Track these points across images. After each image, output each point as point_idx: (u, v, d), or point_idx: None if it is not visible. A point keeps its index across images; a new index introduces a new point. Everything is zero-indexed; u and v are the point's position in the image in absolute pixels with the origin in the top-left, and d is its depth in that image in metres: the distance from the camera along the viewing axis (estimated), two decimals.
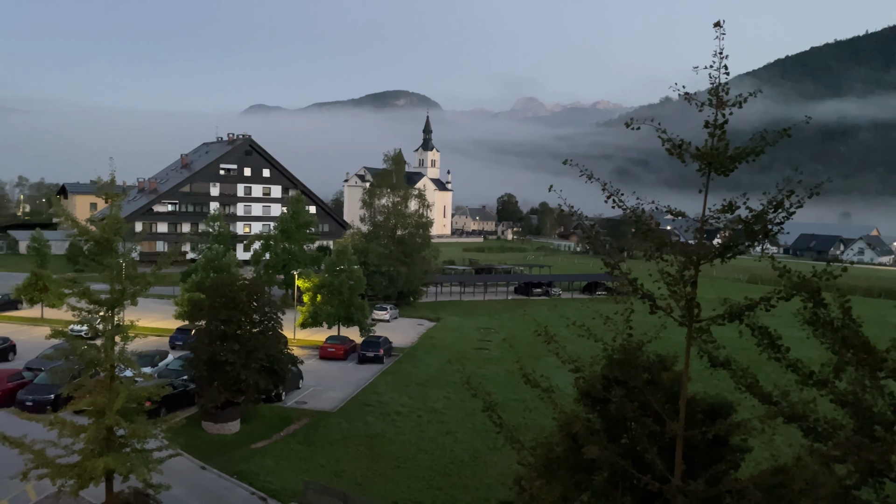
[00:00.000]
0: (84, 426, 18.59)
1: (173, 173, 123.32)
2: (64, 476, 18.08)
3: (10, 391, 33.99)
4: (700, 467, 11.44)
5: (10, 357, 44.11)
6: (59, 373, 20.52)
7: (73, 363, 19.45)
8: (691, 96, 10.21)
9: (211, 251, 59.38)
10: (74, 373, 19.95)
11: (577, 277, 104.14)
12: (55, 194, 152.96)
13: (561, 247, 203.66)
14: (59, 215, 21.12)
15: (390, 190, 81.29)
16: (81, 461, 18.21)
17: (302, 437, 33.44)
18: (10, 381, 34.80)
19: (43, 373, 35.29)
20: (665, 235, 10.59)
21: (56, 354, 19.98)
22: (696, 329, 10.46)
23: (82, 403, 18.77)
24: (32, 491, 23.23)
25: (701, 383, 19.67)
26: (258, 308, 34.82)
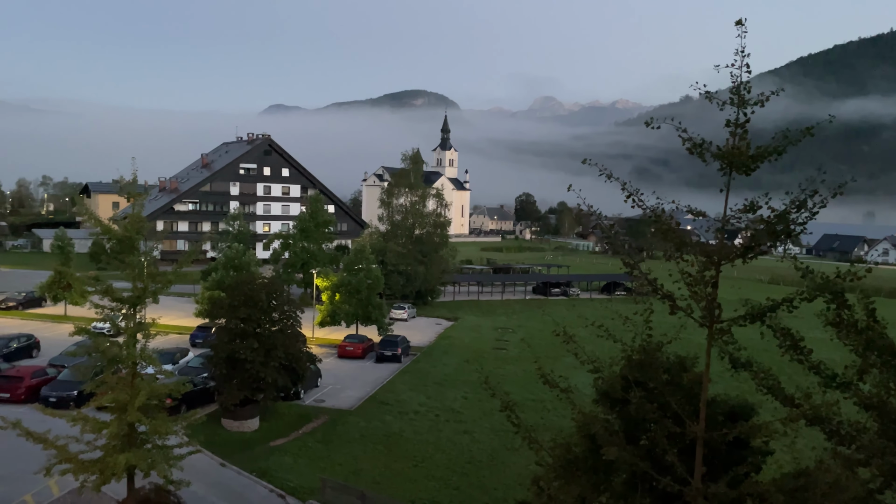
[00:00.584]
0: (106, 422, 18.78)
1: (194, 173, 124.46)
2: (86, 471, 18.30)
3: (34, 387, 34.50)
4: (720, 470, 11.33)
5: (35, 354, 44.76)
6: (82, 369, 20.83)
7: (95, 360, 19.67)
8: (713, 95, 10.11)
9: (231, 250, 59.83)
10: (97, 369, 20.19)
11: (595, 277, 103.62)
12: (78, 193, 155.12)
13: (579, 247, 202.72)
14: (83, 214, 21.40)
15: (408, 189, 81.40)
16: (103, 457, 18.41)
17: (320, 435, 33.61)
18: (33, 377, 35.31)
19: (66, 369, 35.82)
20: (685, 235, 10.50)
21: (79, 351, 20.27)
22: (717, 330, 10.36)
23: (104, 400, 18.98)
24: (55, 486, 23.58)
25: (721, 385, 19.51)
26: (277, 306, 35.04)
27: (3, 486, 23.75)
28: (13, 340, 44.07)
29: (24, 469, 23.13)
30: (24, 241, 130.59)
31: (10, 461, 24.69)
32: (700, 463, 10.35)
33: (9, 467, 24.65)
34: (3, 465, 24.92)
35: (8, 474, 24.44)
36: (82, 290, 53.75)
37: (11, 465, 24.57)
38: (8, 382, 34.58)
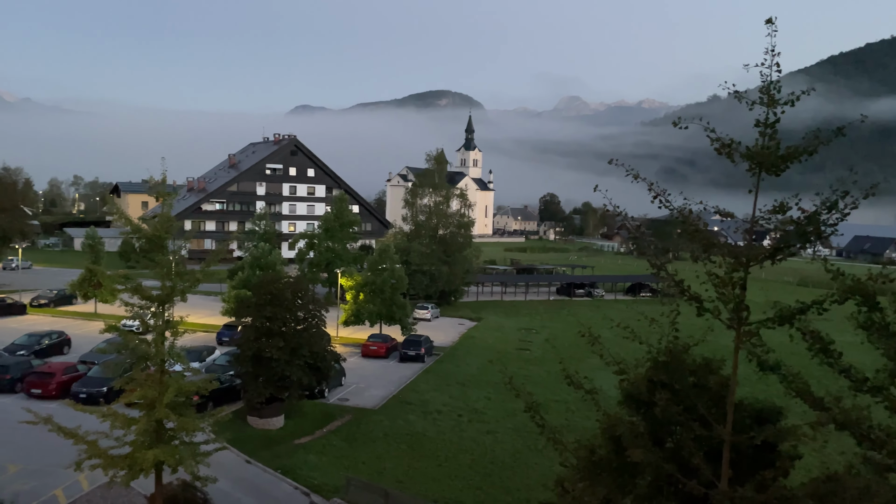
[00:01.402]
0: (135, 418, 19.06)
1: (221, 173, 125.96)
2: (115, 467, 18.56)
3: (66, 383, 35.17)
4: (747, 473, 11.19)
5: (66, 350, 45.62)
6: (112, 366, 21.12)
7: (125, 357, 19.95)
8: (742, 94, 9.99)
9: (257, 249, 60.45)
10: (126, 366, 20.47)
11: (620, 278, 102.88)
12: (109, 193, 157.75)
13: (604, 247, 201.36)
14: (113, 213, 21.79)
15: (432, 189, 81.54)
16: (132, 452, 18.66)
17: (344, 433, 33.81)
18: (65, 373, 35.98)
19: (96, 366, 36.43)
20: (713, 236, 10.39)
21: (109, 348, 20.56)
22: (745, 332, 10.24)
23: (133, 396, 19.25)
24: (85, 481, 24.02)
25: (748, 388, 19.24)
26: (302, 305, 35.31)
27: (35, 481, 24.26)
28: (45, 337, 44.96)
29: (55, 463, 23.62)
30: (56, 240, 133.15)
31: (41, 456, 25.23)
32: (727, 466, 10.24)
33: (40, 461, 25.19)
34: (34, 459, 25.48)
35: (39, 469, 24.97)
36: (112, 288, 54.59)
37: (43, 459, 25.11)
38: (40, 378, 35.29)
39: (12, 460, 25.71)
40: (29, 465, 25.29)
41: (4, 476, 24.51)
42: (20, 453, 26.08)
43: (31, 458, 25.66)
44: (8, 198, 75.99)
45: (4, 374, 35.75)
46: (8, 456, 25.96)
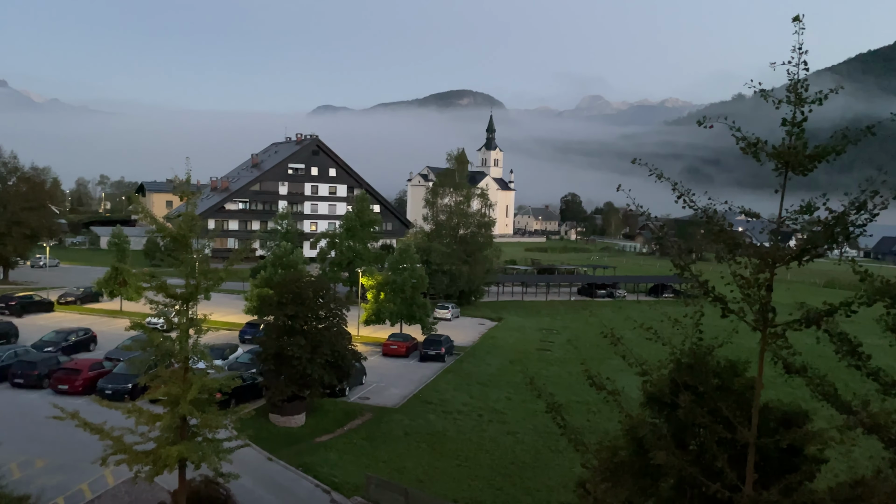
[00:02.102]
0: (159, 415, 19.28)
1: (244, 172, 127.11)
2: (140, 462, 18.78)
3: (92, 380, 35.69)
4: (772, 477, 11.04)
5: (92, 347, 46.29)
6: (137, 363, 21.37)
7: (149, 354, 20.18)
8: (768, 93, 9.85)
9: (279, 248, 60.88)
10: (151, 363, 20.71)
11: (642, 279, 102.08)
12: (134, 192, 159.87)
13: (626, 248, 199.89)
14: (139, 212, 22.04)
15: (453, 189, 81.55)
16: (156, 448, 18.88)
17: (364, 432, 33.93)
18: (91, 370, 36.52)
19: (122, 363, 36.89)
20: (738, 236, 10.26)
21: (134, 345, 20.81)
22: (770, 334, 10.10)
23: (158, 393, 19.48)
24: (111, 476, 24.36)
25: (774, 391, 19.01)
26: (324, 304, 35.51)
27: (62, 475, 24.65)
28: (72, 334, 45.68)
29: (81, 458, 23.98)
30: (83, 239, 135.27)
31: (68, 450, 25.63)
32: (752, 469, 10.11)
33: (67, 456, 25.59)
34: (61, 454, 25.89)
35: (66, 463, 25.36)
36: (137, 286, 55.45)
37: (69, 454, 25.50)
38: (67, 374, 35.87)
39: (40, 455, 26.15)
40: (55, 460, 25.70)
41: (32, 470, 24.94)
42: (47, 448, 26.51)
43: (57, 452, 26.07)
44: (36, 197, 77.29)
45: (32, 370, 36.38)
46: (35, 450, 26.41)
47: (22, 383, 36.07)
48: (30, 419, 29.71)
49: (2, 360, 37.56)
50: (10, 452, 24.29)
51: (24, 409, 32.09)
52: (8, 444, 23.79)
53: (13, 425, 29.18)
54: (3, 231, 72.44)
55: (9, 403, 33.57)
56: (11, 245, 73.69)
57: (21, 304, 57.03)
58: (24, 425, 29.28)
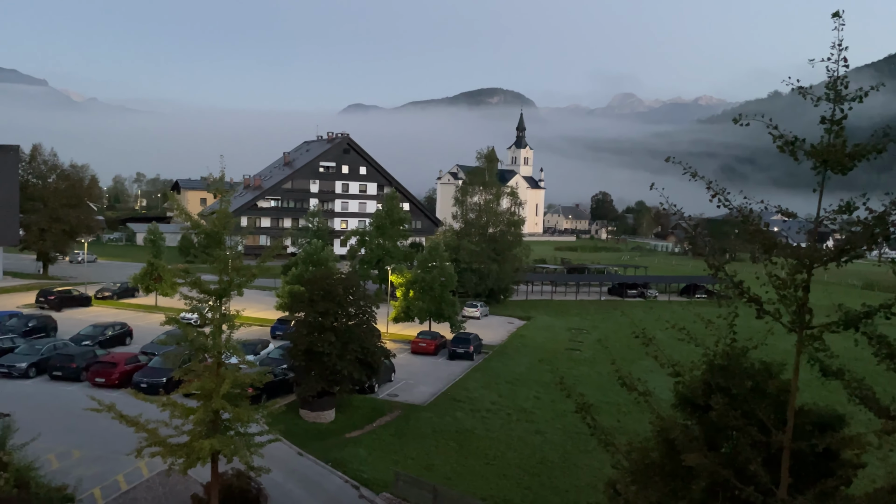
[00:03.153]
0: (193, 409, 19.57)
1: (276, 170, 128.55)
2: (174, 455, 19.10)
3: (128, 373, 36.43)
4: (807, 482, 10.83)
5: (128, 341, 47.25)
6: (171, 357, 21.81)
7: (183, 349, 20.55)
8: (806, 90, 9.66)
9: (310, 246, 61.42)
10: (185, 358, 21.09)
11: (674, 279, 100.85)
12: (170, 189, 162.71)
13: (658, 247, 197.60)
14: (174, 209, 22.43)
15: (483, 188, 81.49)
16: (190, 441, 19.18)
17: (393, 428, 34.10)
18: (127, 363, 37.26)
19: (157, 357, 37.61)
20: (774, 236, 10.08)
21: (169, 340, 21.27)
22: (807, 336, 9.91)
23: (192, 387, 19.79)
24: (145, 467, 24.84)
25: (809, 394, 18.65)
26: (354, 301, 35.76)
27: (98, 466, 25.21)
28: (109, 328, 46.68)
29: (117, 450, 24.49)
30: (120, 235, 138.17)
31: (104, 442, 26.18)
32: (786, 473, 9.93)
33: (103, 448, 26.15)
34: (98, 445, 26.47)
35: (103, 455, 25.92)
36: (172, 281, 56.36)
37: (106, 445, 26.05)
38: (103, 368, 36.66)
39: (77, 446, 26.76)
40: (92, 451, 26.27)
41: (69, 461, 25.54)
42: (84, 439, 27.12)
43: (94, 444, 26.65)
44: (75, 194, 79.13)
45: (70, 363, 37.27)
46: (73, 442, 27.03)
47: (60, 376, 36.97)
48: (68, 411, 30.40)
49: (41, 353, 38.55)
50: (49, 443, 24.88)
51: (63, 401, 32.88)
52: (47, 435, 24.37)
53: (52, 417, 29.90)
54: (43, 227, 74.34)
55: (48, 395, 34.45)
56: (51, 241, 75.60)
57: (60, 299, 58.43)
58: (63, 417, 29.97)
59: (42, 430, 23.70)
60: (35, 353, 38.52)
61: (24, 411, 27.06)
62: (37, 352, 38.62)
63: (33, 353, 38.40)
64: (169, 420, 19.51)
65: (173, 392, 21.44)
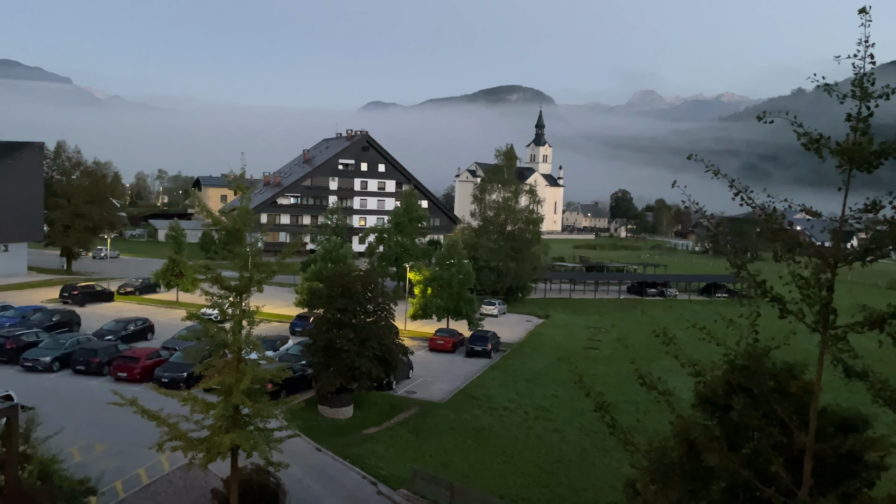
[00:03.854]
0: (213, 403, 19.73)
1: (296, 168, 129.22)
2: (194, 449, 19.26)
3: (149, 368, 36.87)
4: (829, 483, 10.70)
5: (149, 336, 47.80)
6: (192, 353, 21.92)
7: (204, 344, 20.65)
8: (832, 87, 9.52)
9: (329, 243, 61.69)
10: (205, 353, 21.20)
11: (695, 278, 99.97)
12: (191, 186, 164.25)
13: (678, 246, 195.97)
14: (195, 206, 22.63)
15: (501, 185, 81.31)
16: (210, 436, 19.32)
17: (411, 425, 34.17)
18: (148, 358, 37.73)
19: (178, 352, 37.99)
20: (798, 235, 9.96)
21: (190, 335, 21.35)
22: (831, 336, 9.78)
23: (212, 382, 19.94)
24: (166, 461, 25.13)
25: (832, 394, 18.40)
26: (372, 298, 35.88)
27: (120, 460, 25.56)
28: (131, 323, 47.25)
29: (139, 444, 24.78)
30: (142, 231, 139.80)
31: (126, 436, 26.50)
32: (808, 475, 9.82)
33: (125, 442, 26.49)
34: (120, 439, 26.81)
35: (124, 448, 26.27)
36: (193, 277, 57.04)
37: (127, 439, 26.38)
38: (126, 362, 37.14)
39: (99, 440, 27.14)
40: (114, 445, 26.63)
41: (92, 454, 25.92)
42: (107, 433, 27.47)
43: (116, 438, 26.99)
44: (98, 190, 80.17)
45: (93, 358, 37.79)
46: (95, 435, 27.41)
47: (83, 370, 37.50)
48: (90, 405, 30.79)
49: (65, 347, 39.13)
50: (72, 437, 25.23)
51: (86, 395, 33.35)
52: (70, 429, 24.71)
53: (75, 410, 30.32)
54: (66, 223, 75.41)
55: (71, 389, 34.96)
56: (75, 237, 76.66)
57: (83, 294, 59.26)
58: (86, 411, 30.38)
59: (65, 424, 24.03)
60: (59, 347, 39.10)
61: (47, 405, 27.47)
62: (60, 346, 39.20)
63: (57, 348, 38.98)
64: (189, 415, 19.67)
65: (194, 387, 21.63)
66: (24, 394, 29.23)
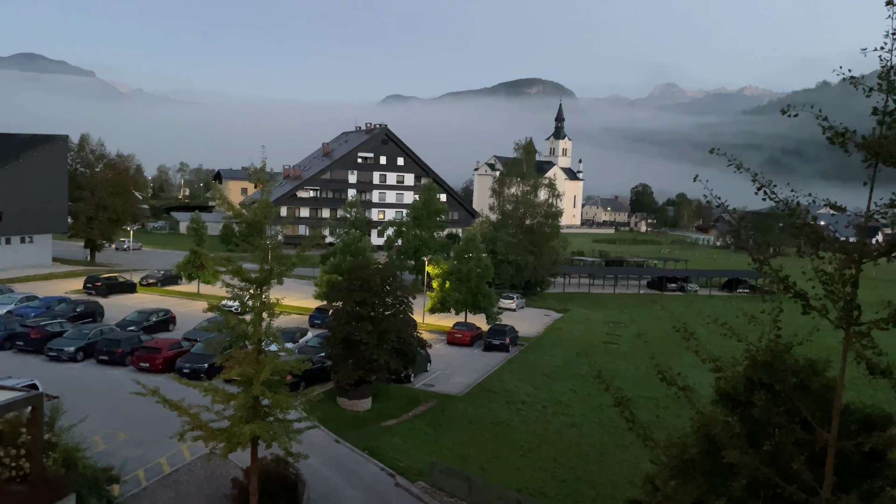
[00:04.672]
0: (233, 394, 19.87)
1: (315, 161, 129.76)
2: (215, 439, 19.42)
3: (171, 358, 37.30)
4: (852, 481, 10.59)
5: (171, 328, 48.34)
6: (213, 344, 22.12)
7: (225, 336, 20.80)
8: (858, 80, 9.35)
9: (348, 236, 61.95)
10: (226, 344, 21.39)
11: (715, 273, 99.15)
12: (212, 179, 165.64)
13: (699, 240, 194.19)
14: (216, 199, 22.81)
15: (520, 179, 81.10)
16: (231, 427, 19.47)
17: (429, 418, 34.29)
18: (170, 349, 38.17)
19: (199, 343, 38.43)
20: (822, 230, 9.82)
21: (210, 327, 21.52)
22: (854, 333, 9.64)
23: (232, 373, 20.09)
24: (187, 451, 25.45)
25: (854, 392, 18.17)
26: (390, 291, 35.99)
27: (142, 449, 25.92)
28: (153, 314, 47.84)
29: (160, 433, 25.03)
30: (163, 223, 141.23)
31: (148, 425, 26.85)
32: (831, 472, 9.70)
33: (147, 431, 26.84)
34: (142, 428, 27.18)
35: (146, 438, 26.62)
36: (214, 269, 57.48)
37: (149, 429, 26.71)
38: (148, 353, 37.62)
39: (122, 428, 27.52)
40: (137, 434, 27.00)
41: (115, 443, 26.31)
42: (129, 422, 27.86)
43: (139, 427, 27.36)
44: (121, 183, 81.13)
45: (116, 348, 38.33)
46: (118, 424, 27.81)
47: (107, 360, 38.05)
48: (114, 394, 31.23)
49: (88, 337, 39.72)
50: (96, 425, 25.58)
51: (109, 385, 33.84)
52: (94, 418, 25.04)
53: (99, 399, 30.77)
54: (90, 215, 76.48)
55: (95, 378, 35.49)
56: (98, 228, 77.70)
57: (106, 285, 60.06)
58: (109, 400, 30.82)
59: (89, 413, 24.38)
60: (83, 337, 39.70)
61: (71, 394, 27.88)
62: (84, 336, 39.80)
63: (81, 338, 39.58)
64: (210, 405, 19.84)
65: (215, 377, 21.85)
66: (48, 383, 29.70)
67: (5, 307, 48.27)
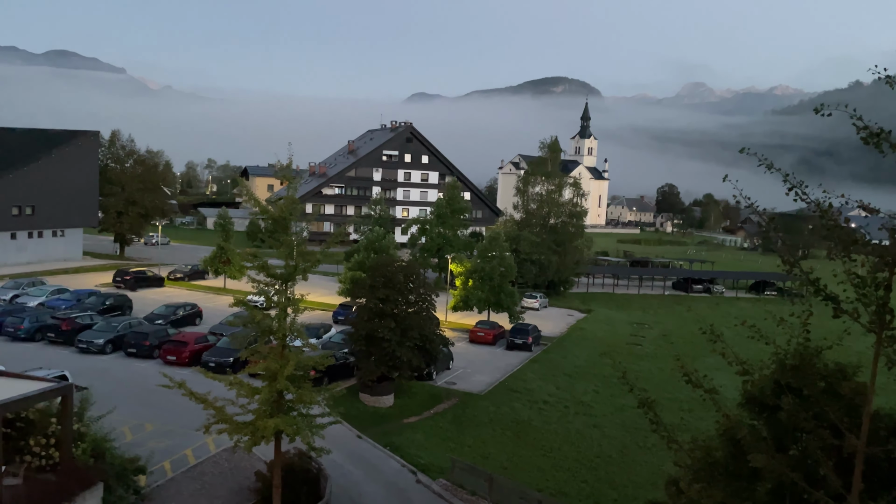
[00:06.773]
0: (258, 388, 20.10)
1: (340, 158, 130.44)
2: (240, 432, 19.67)
3: (197, 352, 37.81)
4: (880, 488, 10.39)
5: (197, 322, 48.99)
6: (239, 338, 22.33)
7: (250, 330, 21.04)
8: (894, 80, 9.16)
9: (372, 233, 62.20)
10: (251, 339, 21.60)
11: (743, 275, 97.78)
12: (239, 175, 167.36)
13: (726, 242, 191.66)
14: (243, 195, 23.02)
15: (545, 178, 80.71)
16: (255, 420, 19.70)
17: (450, 416, 34.33)
18: (196, 343, 38.70)
19: (224, 337, 38.86)
20: (854, 233, 9.64)
21: (236, 321, 21.82)
22: (886, 337, 9.46)
23: (257, 368, 20.32)
24: (212, 443, 25.80)
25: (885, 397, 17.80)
26: (414, 289, 36.08)
27: (169, 440, 26.31)
28: (180, 308, 48.51)
29: (186, 425, 25.48)
30: (191, 219, 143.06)
31: (174, 417, 27.27)
32: (859, 479, 9.53)
33: (173, 423, 27.26)
34: (169, 420, 27.60)
35: (172, 429, 27.03)
36: (240, 265, 58.16)
37: (176, 420, 27.14)
38: (175, 346, 38.16)
39: (149, 420, 27.98)
40: (163, 426, 27.42)
41: (142, 434, 26.75)
42: (156, 414, 28.31)
43: (165, 418, 27.79)
44: (150, 178, 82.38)
45: (144, 341, 38.94)
46: (146, 415, 28.27)
47: (135, 353, 38.67)
48: (141, 386, 31.75)
49: (117, 330, 40.40)
50: (124, 416, 26.08)
51: (137, 377, 34.39)
52: (122, 409, 25.53)
53: (127, 391, 31.30)
54: (120, 210, 77.79)
55: (123, 370, 36.09)
56: (127, 223, 79.00)
57: (135, 279, 61.04)
58: (136, 392, 31.34)
59: (117, 404, 24.83)
60: (111, 330, 40.38)
61: (100, 385, 28.39)
62: (113, 329, 40.48)
63: (110, 331, 40.26)
64: (235, 399, 20.09)
65: (240, 372, 22.04)
66: (78, 374, 30.29)
67: (37, 299, 49.30)
